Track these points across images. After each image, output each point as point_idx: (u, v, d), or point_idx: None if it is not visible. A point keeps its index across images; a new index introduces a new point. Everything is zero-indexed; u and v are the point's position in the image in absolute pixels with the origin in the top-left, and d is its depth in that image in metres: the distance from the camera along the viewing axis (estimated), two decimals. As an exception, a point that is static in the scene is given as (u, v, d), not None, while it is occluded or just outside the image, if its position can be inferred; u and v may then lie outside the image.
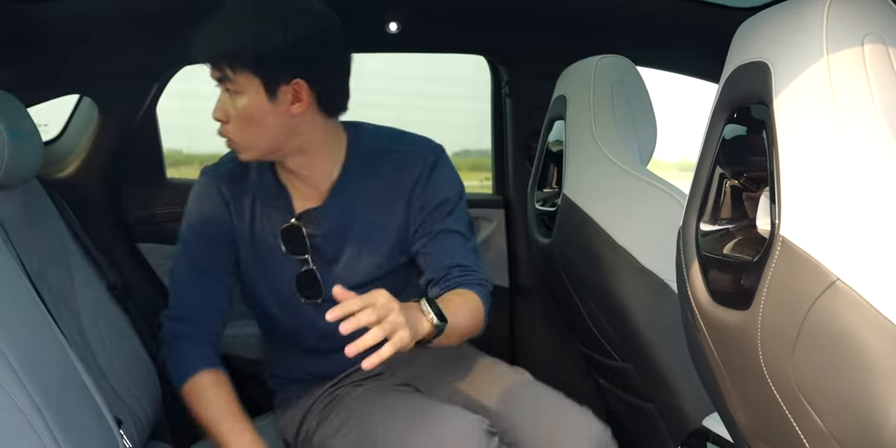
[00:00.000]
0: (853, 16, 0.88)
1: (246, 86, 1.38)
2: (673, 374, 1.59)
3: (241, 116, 1.40)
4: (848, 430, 0.87)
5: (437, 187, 1.53)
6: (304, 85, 1.39)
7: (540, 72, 2.11)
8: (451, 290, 1.47)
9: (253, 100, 1.39)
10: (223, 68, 1.38)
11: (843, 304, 0.82)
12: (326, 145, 1.50)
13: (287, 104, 1.40)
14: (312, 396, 1.59)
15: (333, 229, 1.51)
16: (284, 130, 1.43)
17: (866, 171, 0.83)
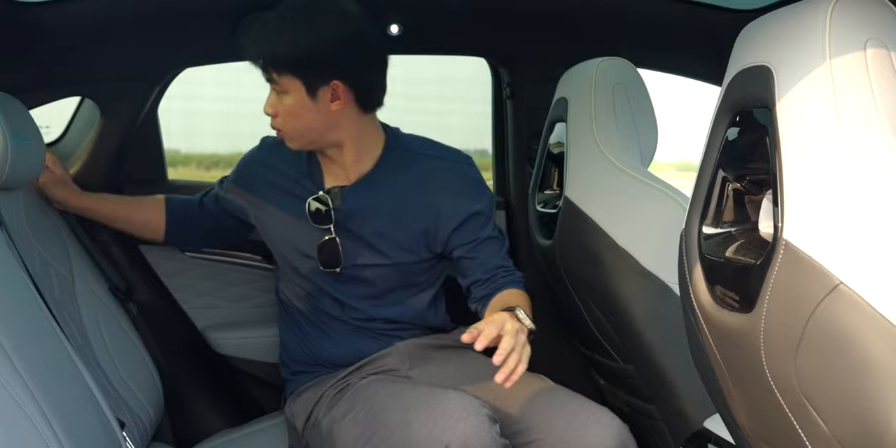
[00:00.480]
0: (855, 20, 0.88)
1: (289, 86, 1.53)
2: (674, 376, 1.60)
3: (286, 113, 1.56)
4: (851, 434, 0.87)
5: (471, 197, 1.68)
6: (341, 85, 1.54)
7: (541, 74, 2.11)
8: (499, 289, 1.63)
9: (296, 99, 1.54)
10: (269, 71, 1.54)
11: (846, 307, 0.82)
12: (363, 139, 1.65)
13: (327, 102, 1.55)
14: (324, 386, 1.64)
15: (357, 209, 1.64)
16: (325, 125, 1.58)
17: (869, 174, 0.83)
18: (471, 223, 1.67)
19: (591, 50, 1.82)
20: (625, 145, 1.70)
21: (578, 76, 1.81)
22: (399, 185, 1.66)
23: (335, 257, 1.65)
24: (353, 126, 1.61)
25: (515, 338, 1.37)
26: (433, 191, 1.66)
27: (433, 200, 1.66)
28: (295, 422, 1.68)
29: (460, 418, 1.36)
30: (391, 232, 1.65)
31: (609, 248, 1.62)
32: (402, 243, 1.66)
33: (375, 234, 1.65)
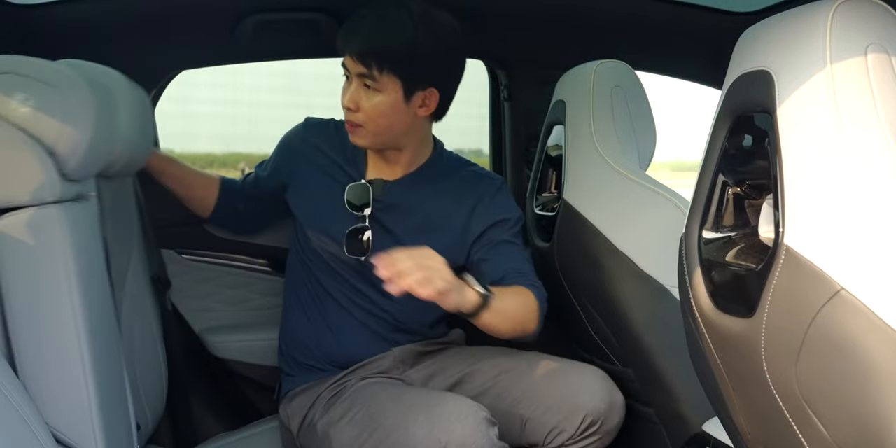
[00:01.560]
0: (856, 25, 0.88)
1: (387, 86, 1.53)
2: (673, 379, 1.60)
3: (374, 111, 1.55)
4: (852, 439, 0.87)
5: (500, 206, 1.69)
6: (435, 93, 1.57)
7: (539, 76, 2.11)
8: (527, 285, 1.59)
9: (390, 99, 1.54)
10: (371, 67, 1.51)
11: (847, 313, 0.82)
12: (421, 145, 1.69)
13: (416, 107, 1.58)
14: (319, 389, 1.65)
15: (395, 204, 1.66)
16: (405, 128, 1.60)
17: (870, 180, 0.83)
18: (493, 229, 1.67)
19: (590, 52, 1.82)
20: (623, 148, 1.70)
21: (577, 79, 1.81)
22: (439, 191, 1.68)
23: (362, 245, 1.65)
24: (422, 132, 1.66)
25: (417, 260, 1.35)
26: (468, 201, 1.68)
27: (466, 209, 1.68)
28: (289, 424, 1.68)
29: (458, 420, 1.36)
30: (422, 233, 1.66)
31: (608, 252, 1.61)
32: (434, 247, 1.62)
33: (407, 232, 1.66)
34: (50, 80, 1.22)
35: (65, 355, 1.15)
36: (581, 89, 1.77)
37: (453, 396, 1.44)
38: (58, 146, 1.20)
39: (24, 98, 1.21)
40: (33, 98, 1.21)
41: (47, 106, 1.21)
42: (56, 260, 1.15)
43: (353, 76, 1.55)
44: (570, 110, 1.79)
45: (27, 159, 1.17)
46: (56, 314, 1.15)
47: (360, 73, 1.53)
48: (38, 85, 1.22)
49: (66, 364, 1.15)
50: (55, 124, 1.21)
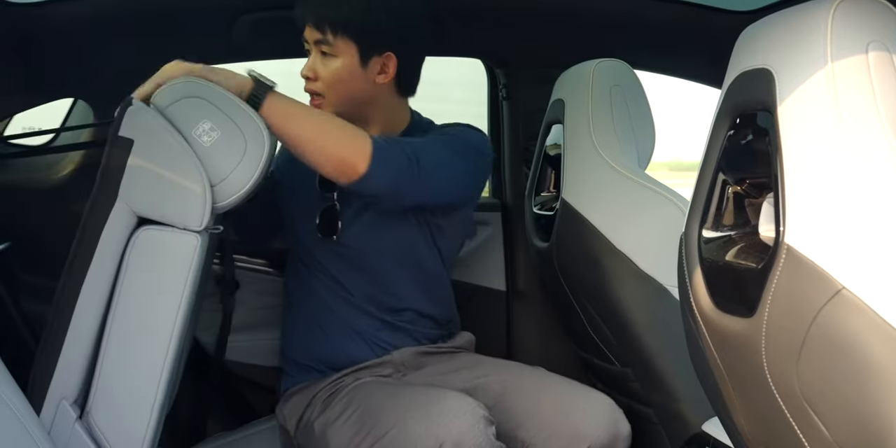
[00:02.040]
0: (857, 23, 0.87)
1: (342, 51, 1.53)
2: (672, 379, 1.59)
3: (331, 77, 1.55)
4: (853, 439, 0.86)
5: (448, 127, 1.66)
6: (393, 59, 1.56)
7: (537, 75, 2.11)
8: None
9: (345, 64, 1.54)
10: (325, 31, 1.52)
11: (849, 312, 0.81)
12: (388, 119, 1.65)
13: (374, 74, 1.56)
14: (316, 388, 1.64)
15: None
16: (364, 96, 1.58)
17: (871, 178, 0.82)
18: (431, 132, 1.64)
19: (588, 51, 1.82)
20: (622, 148, 1.70)
21: (575, 78, 1.80)
22: None
23: (333, 224, 1.64)
24: (386, 105, 1.63)
25: None
26: None
27: None
28: (286, 423, 1.67)
29: (455, 417, 1.36)
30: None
31: (607, 251, 1.61)
32: (397, 214, 1.63)
33: (374, 205, 1.63)
34: (238, 120, 1.28)
35: (147, 368, 1.22)
36: (580, 88, 1.76)
37: (451, 393, 1.43)
38: (224, 183, 1.26)
39: (210, 128, 1.26)
40: (219, 131, 1.26)
41: (229, 144, 1.26)
42: (176, 282, 1.22)
43: (311, 45, 1.56)
44: (568, 109, 1.79)
45: (191, 185, 1.23)
46: (156, 328, 1.22)
47: (317, 39, 1.54)
48: (226, 122, 1.27)
49: (144, 375, 1.22)
50: (230, 163, 1.27)
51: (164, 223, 1.24)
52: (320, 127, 1.43)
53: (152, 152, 1.24)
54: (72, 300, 1.22)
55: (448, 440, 1.33)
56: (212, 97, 1.29)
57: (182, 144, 1.24)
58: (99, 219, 1.23)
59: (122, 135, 1.25)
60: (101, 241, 1.22)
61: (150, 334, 1.23)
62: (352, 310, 1.67)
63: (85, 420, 1.23)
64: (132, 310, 1.23)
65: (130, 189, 1.23)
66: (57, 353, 1.22)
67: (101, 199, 1.23)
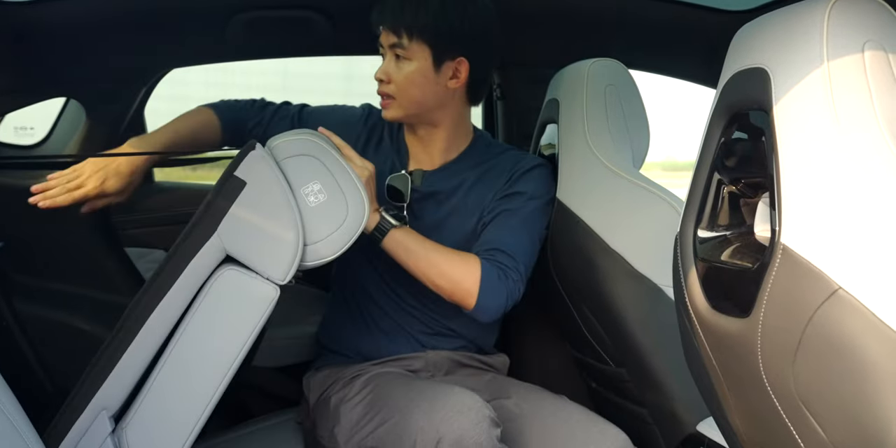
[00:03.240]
0: (853, 22, 0.87)
1: (416, 54, 1.57)
2: (667, 379, 1.59)
3: (404, 79, 1.59)
4: (849, 440, 0.86)
5: (525, 182, 1.68)
6: (465, 64, 1.60)
7: (531, 75, 2.11)
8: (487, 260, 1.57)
9: (419, 67, 1.58)
10: (401, 36, 1.56)
11: (845, 312, 0.81)
12: (456, 127, 1.70)
13: (446, 78, 1.61)
14: (346, 368, 1.67)
15: (431, 193, 1.67)
16: (435, 100, 1.62)
17: (868, 178, 0.82)
18: (505, 199, 1.66)
19: (583, 51, 1.81)
20: (617, 147, 1.70)
21: (570, 77, 1.80)
22: (473, 179, 1.69)
23: None
24: (456, 111, 1.67)
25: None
26: (500, 179, 1.68)
27: (496, 187, 1.68)
28: (309, 395, 1.70)
29: (459, 413, 1.35)
30: (452, 222, 1.67)
31: (601, 251, 1.61)
32: (458, 235, 1.66)
33: (440, 222, 1.67)
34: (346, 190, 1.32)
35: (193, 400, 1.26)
36: (574, 88, 1.76)
37: (460, 390, 1.42)
38: (316, 245, 1.30)
39: (318, 190, 1.31)
40: (326, 195, 1.30)
41: (332, 210, 1.30)
42: (244, 327, 1.26)
43: (386, 49, 1.60)
44: (563, 109, 1.78)
45: (287, 239, 1.26)
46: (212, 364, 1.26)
47: (392, 43, 1.58)
48: (335, 188, 1.31)
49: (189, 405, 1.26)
50: (328, 228, 1.31)
51: (250, 268, 1.27)
52: (434, 263, 1.53)
53: (261, 199, 1.27)
54: (143, 318, 1.24)
55: (448, 436, 1.32)
56: (328, 161, 1.33)
57: (289, 198, 1.27)
58: (192, 247, 1.26)
59: (237, 175, 1.28)
60: (186, 270, 1.25)
61: (206, 369, 1.26)
62: (400, 311, 1.70)
63: (117, 435, 1.24)
64: (195, 342, 1.26)
65: (230, 227, 1.26)
66: (112, 366, 1.24)
67: (200, 230, 1.26)
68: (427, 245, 1.54)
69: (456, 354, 1.72)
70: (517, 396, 1.61)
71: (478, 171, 1.69)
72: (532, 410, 1.56)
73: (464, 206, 1.67)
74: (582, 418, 1.54)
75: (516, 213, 1.65)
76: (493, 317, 1.57)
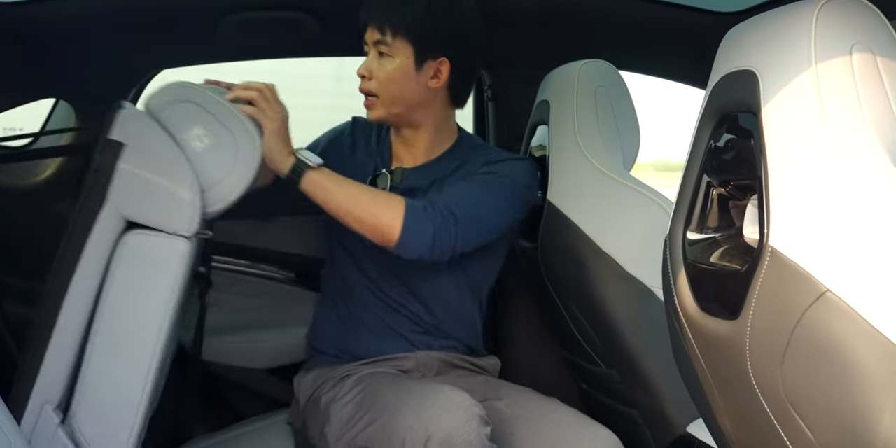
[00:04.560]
0: (841, 25, 0.87)
1: (399, 52, 1.58)
2: (657, 381, 1.59)
3: (385, 76, 1.59)
4: (837, 441, 0.86)
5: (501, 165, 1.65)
6: (447, 64, 1.61)
7: (522, 76, 2.11)
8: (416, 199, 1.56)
9: (401, 64, 1.59)
10: (386, 33, 1.57)
11: (833, 315, 0.81)
12: (438, 128, 1.70)
13: (428, 77, 1.61)
14: (335, 369, 1.66)
15: (411, 188, 1.66)
16: (416, 99, 1.62)
17: (856, 181, 0.82)
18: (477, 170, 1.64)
19: (574, 52, 1.81)
20: (607, 148, 1.70)
21: (561, 79, 1.80)
22: (452, 172, 1.68)
23: None
24: (438, 112, 1.67)
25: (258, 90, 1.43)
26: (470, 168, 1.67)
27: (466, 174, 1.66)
28: (299, 395, 1.70)
29: (448, 411, 1.35)
30: None
31: (592, 252, 1.61)
32: None
33: None
34: (231, 126, 1.27)
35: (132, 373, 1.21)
36: (565, 89, 1.76)
37: (449, 388, 1.42)
38: (214, 189, 1.25)
39: (202, 133, 1.26)
40: (210, 137, 1.26)
41: (221, 150, 1.26)
42: (163, 287, 1.22)
43: (370, 46, 1.61)
44: (553, 110, 1.79)
45: (181, 190, 1.22)
46: (142, 333, 1.21)
47: (376, 40, 1.59)
48: (217, 125, 1.27)
49: (130, 379, 1.21)
50: (221, 169, 1.26)
51: (153, 227, 1.23)
52: (355, 200, 1.51)
53: (143, 156, 1.23)
54: (57, 303, 1.21)
55: (437, 434, 1.32)
56: (205, 102, 1.29)
57: (173, 149, 1.23)
58: (87, 221, 1.22)
59: (112, 138, 1.24)
60: (88, 244, 1.21)
61: (137, 339, 1.21)
62: (387, 309, 1.70)
63: (67, 424, 1.22)
64: (118, 314, 1.21)
65: (120, 192, 1.22)
66: (41, 358, 1.21)
67: (90, 202, 1.23)
68: (346, 183, 1.52)
69: (447, 355, 1.72)
70: (508, 398, 1.61)
71: (456, 164, 1.70)
72: (523, 412, 1.56)
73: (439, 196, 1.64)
74: (573, 420, 1.54)
75: (475, 179, 1.62)
76: (419, 254, 1.52)
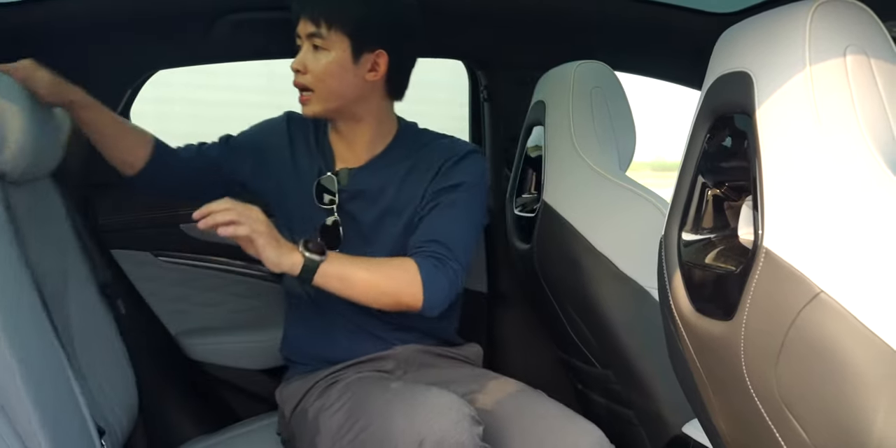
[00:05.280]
0: (835, 26, 0.88)
1: (334, 45, 1.53)
2: (652, 381, 1.59)
3: (321, 71, 1.54)
4: (831, 442, 0.86)
5: (461, 171, 1.62)
6: (384, 57, 1.56)
7: (518, 77, 2.11)
8: (422, 256, 1.53)
9: (337, 58, 1.53)
10: (320, 24, 1.52)
11: (826, 316, 0.82)
12: (380, 121, 1.65)
13: (365, 70, 1.56)
14: (317, 377, 1.63)
15: (360, 190, 1.62)
16: (353, 93, 1.57)
17: (850, 182, 0.82)
18: (444, 192, 1.60)
19: (570, 53, 1.82)
20: (603, 149, 1.70)
21: (556, 79, 1.80)
22: (403, 172, 1.64)
23: (335, 238, 1.62)
24: (377, 105, 1.62)
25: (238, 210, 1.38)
26: (432, 169, 1.63)
27: (429, 178, 1.63)
28: (284, 407, 1.67)
29: (440, 414, 1.34)
30: (389, 221, 1.63)
31: (587, 253, 1.61)
32: (396, 232, 1.62)
33: (374, 219, 1.63)
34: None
35: None
36: (561, 90, 1.76)
37: (438, 390, 1.41)
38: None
39: None
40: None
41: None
42: None
43: (304, 39, 1.55)
44: (549, 111, 1.79)
45: None
46: None
47: (310, 32, 1.53)
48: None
49: None
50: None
51: None
52: (371, 281, 1.49)
53: None
54: None
55: (429, 437, 1.32)
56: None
57: None
58: None
59: None
60: None
61: None
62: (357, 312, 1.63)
63: None
64: None
65: None
66: None
67: None
68: (357, 265, 1.49)
69: (426, 347, 1.69)
70: (495, 390, 1.59)
71: (407, 164, 1.64)
72: (510, 406, 1.54)
73: (397, 202, 1.63)
74: (559, 414, 1.52)
75: (454, 203, 1.59)
76: (441, 309, 1.53)
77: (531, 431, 1.49)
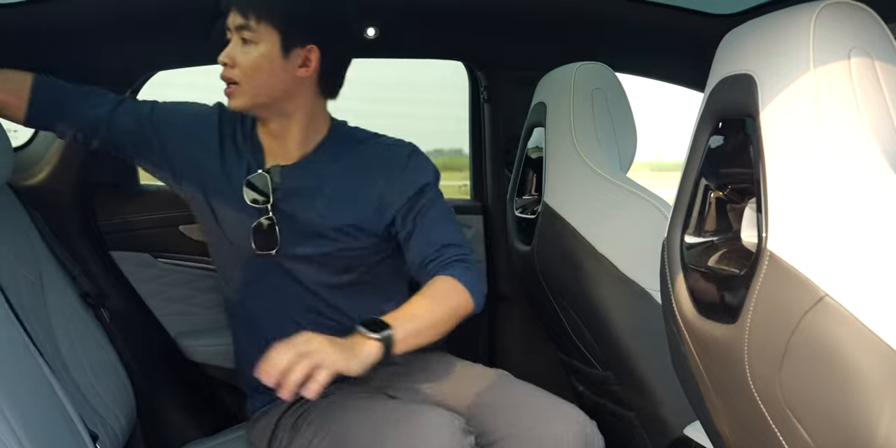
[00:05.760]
0: (839, 29, 0.87)
1: (264, 38, 1.48)
2: (654, 383, 1.59)
3: (250, 65, 1.49)
4: (835, 445, 0.86)
5: (417, 172, 1.60)
6: (316, 53, 1.50)
7: (519, 78, 2.10)
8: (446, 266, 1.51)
9: (267, 52, 1.48)
10: (249, 16, 1.47)
11: (831, 319, 0.81)
12: (311, 119, 1.59)
13: (295, 66, 1.50)
14: (282, 409, 1.56)
15: (296, 188, 1.56)
16: (283, 89, 1.52)
17: (854, 184, 0.82)
18: (415, 197, 1.57)
19: (570, 54, 1.81)
20: (604, 151, 1.70)
21: (557, 80, 1.80)
22: (344, 168, 1.59)
23: (271, 239, 1.55)
24: (307, 102, 1.56)
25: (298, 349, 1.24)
26: (380, 172, 1.58)
27: (380, 181, 1.58)
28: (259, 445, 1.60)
29: (435, 431, 1.33)
30: (330, 215, 1.57)
31: (588, 255, 1.61)
32: (337, 228, 1.57)
33: (314, 218, 1.56)
34: None
35: None
36: (561, 91, 1.76)
37: (426, 407, 1.39)
38: None
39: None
40: None
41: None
42: None
43: (233, 31, 1.50)
44: (550, 112, 1.78)
45: None
46: None
47: (239, 25, 1.48)
48: None
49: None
50: None
51: None
52: (437, 316, 1.43)
53: None
54: None
55: None
56: None
57: None
58: None
59: None
60: None
61: None
62: (299, 325, 1.52)
63: None
64: None
65: None
66: None
67: None
68: (420, 313, 1.42)
69: None
70: (472, 383, 1.56)
71: (343, 162, 1.60)
72: (491, 398, 1.52)
73: (336, 200, 1.57)
74: (544, 401, 1.50)
75: (432, 204, 1.58)
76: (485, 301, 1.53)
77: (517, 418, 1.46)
